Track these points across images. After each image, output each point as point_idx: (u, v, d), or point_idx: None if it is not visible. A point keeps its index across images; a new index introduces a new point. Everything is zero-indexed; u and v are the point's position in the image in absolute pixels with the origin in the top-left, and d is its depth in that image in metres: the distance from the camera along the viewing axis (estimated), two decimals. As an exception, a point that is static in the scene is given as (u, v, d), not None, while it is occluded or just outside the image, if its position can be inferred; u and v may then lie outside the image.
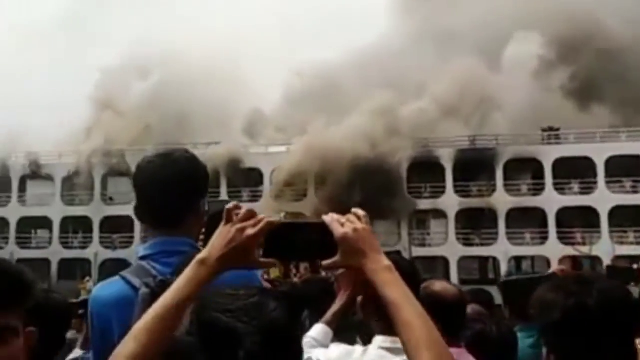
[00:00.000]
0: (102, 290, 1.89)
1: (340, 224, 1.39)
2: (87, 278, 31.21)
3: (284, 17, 48.71)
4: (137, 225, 38.23)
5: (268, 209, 34.32)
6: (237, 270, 1.47)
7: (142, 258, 1.89)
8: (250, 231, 1.37)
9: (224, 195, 38.31)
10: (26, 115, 40.62)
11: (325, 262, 1.40)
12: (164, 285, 1.62)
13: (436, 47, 40.97)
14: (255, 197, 37.96)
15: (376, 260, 1.38)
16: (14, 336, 1.26)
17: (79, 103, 42.56)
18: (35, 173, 41.20)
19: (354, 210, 1.43)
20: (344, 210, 1.50)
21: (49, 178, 41.19)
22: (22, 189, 41.64)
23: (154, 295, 1.60)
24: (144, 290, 1.75)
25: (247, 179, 39.04)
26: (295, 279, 8.93)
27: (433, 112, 36.90)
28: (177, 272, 1.72)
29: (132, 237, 38.18)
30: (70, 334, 3.35)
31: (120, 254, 37.86)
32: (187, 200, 1.90)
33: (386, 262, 1.39)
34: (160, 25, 43.38)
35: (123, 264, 35.55)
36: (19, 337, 1.28)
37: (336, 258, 1.38)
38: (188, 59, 41.48)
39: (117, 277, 1.88)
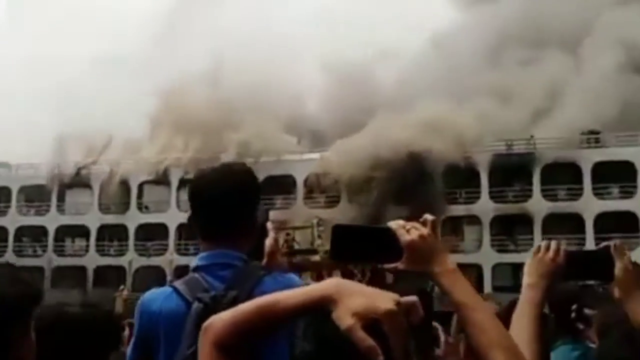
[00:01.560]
0: (153, 302, 1.85)
1: (406, 231, 1.43)
2: (122, 286, 31.73)
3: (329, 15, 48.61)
4: (172, 233, 38.77)
5: (300, 216, 34.42)
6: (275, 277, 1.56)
7: (195, 269, 1.87)
8: None
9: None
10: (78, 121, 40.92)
11: (387, 265, 1.44)
12: (217, 301, 1.64)
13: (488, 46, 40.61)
14: (288, 204, 38.07)
15: (442, 263, 1.43)
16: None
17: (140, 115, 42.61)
18: (74, 182, 42.16)
19: (425, 216, 1.48)
20: (377, 217, 1.46)
21: (87, 186, 42.09)
22: (61, 198, 42.62)
23: (207, 311, 1.58)
24: (197, 305, 1.71)
25: (279, 185, 39.23)
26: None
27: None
28: (229, 286, 1.69)
29: (166, 245, 38.67)
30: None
31: (154, 261, 38.37)
32: (243, 213, 1.90)
33: (451, 265, 1.45)
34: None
35: (156, 271, 36.30)
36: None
37: (400, 262, 1.42)
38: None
39: (168, 288, 1.86)
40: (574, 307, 3.08)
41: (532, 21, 40.31)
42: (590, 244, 34.23)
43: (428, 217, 1.47)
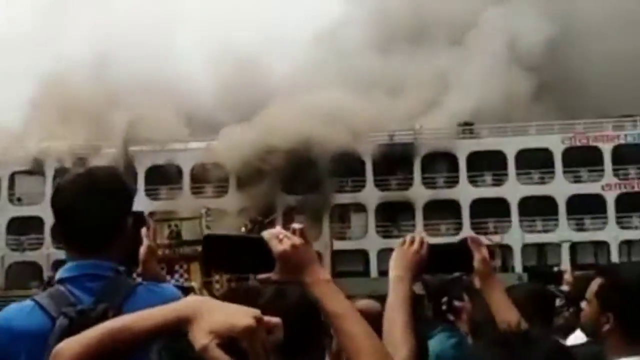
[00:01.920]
0: (12, 319, 1.66)
1: (278, 240, 1.41)
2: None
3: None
4: (47, 226, 36.51)
5: (188, 206, 33.68)
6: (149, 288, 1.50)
7: (61, 281, 1.71)
8: None
9: (141, 194, 37.26)
10: None
11: (260, 276, 1.44)
12: (84, 315, 1.52)
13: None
14: (174, 195, 37.13)
15: (313, 273, 1.42)
16: None
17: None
18: None
19: (293, 225, 1.47)
20: (267, 207, 1.48)
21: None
22: None
23: (73, 327, 1.46)
24: (62, 320, 1.57)
25: (165, 175, 38.09)
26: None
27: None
28: (99, 299, 1.60)
29: (41, 239, 36.38)
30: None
31: (29, 256, 36.02)
32: (110, 220, 1.77)
33: (324, 275, 1.44)
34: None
35: (32, 267, 33.94)
36: None
37: (274, 273, 1.42)
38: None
39: (29, 302, 1.68)
40: (444, 299, 3.21)
41: (420, 13, 41.94)
42: (466, 229, 36.51)
43: (296, 226, 1.46)
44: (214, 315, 0.91)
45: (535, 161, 37.29)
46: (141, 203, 36.11)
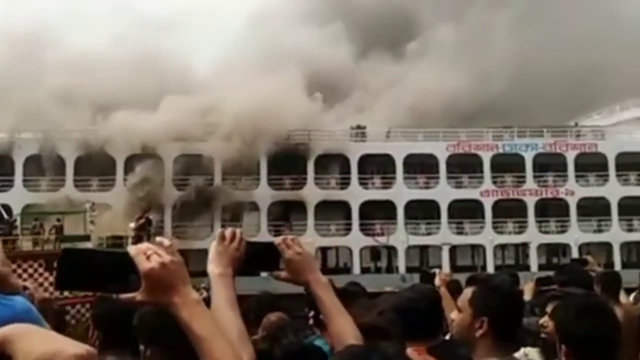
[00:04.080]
0: None
1: (146, 257, 1.29)
2: None
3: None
4: None
5: (71, 200, 31.93)
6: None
7: None
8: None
9: (18, 185, 34.90)
10: None
11: (124, 295, 1.30)
12: None
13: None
14: (55, 187, 35.06)
15: (183, 294, 1.31)
16: None
17: None
18: None
19: (158, 239, 1.36)
20: (154, 202, 1.42)
21: None
22: None
23: None
24: None
25: (45, 165, 35.85)
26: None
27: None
28: None
29: None
30: None
31: None
32: None
33: (194, 295, 1.33)
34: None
35: None
36: None
37: (139, 292, 1.29)
38: None
39: None
40: (311, 313, 3.27)
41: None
42: (355, 230, 37.58)
43: (164, 241, 1.36)
44: (37, 342, 0.90)
45: (421, 166, 39.04)
46: (18, 195, 33.87)
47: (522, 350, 2.86)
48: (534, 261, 37.70)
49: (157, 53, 39.65)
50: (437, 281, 4.08)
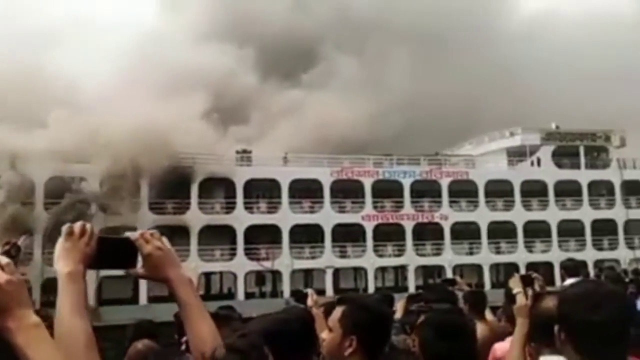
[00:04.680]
0: None
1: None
2: None
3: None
4: None
5: None
6: None
7: None
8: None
9: None
10: None
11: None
12: None
13: None
14: None
15: (18, 317, 1.24)
16: None
17: None
18: None
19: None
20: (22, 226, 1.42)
21: None
22: None
23: None
24: None
25: None
26: None
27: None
28: None
29: None
30: None
31: None
32: None
33: (32, 319, 1.26)
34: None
35: None
36: None
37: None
38: None
39: None
40: (183, 339, 3.28)
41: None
42: (240, 255, 37.24)
43: (1, 260, 1.27)
44: None
45: (306, 191, 39.63)
46: None
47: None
48: (411, 282, 39.28)
49: (41, 67, 37.43)
50: (309, 301, 4.16)
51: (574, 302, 1.88)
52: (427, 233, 41.63)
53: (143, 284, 34.08)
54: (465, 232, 41.52)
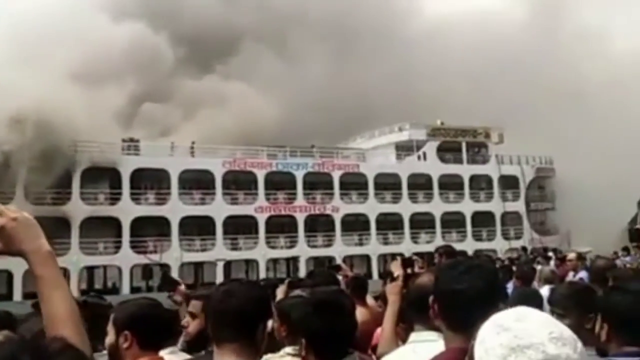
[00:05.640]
0: None
1: None
2: None
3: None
4: None
5: None
6: None
7: None
8: None
9: None
10: None
11: None
12: None
13: None
14: None
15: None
16: None
17: None
18: None
19: None
20: None
21: None
22: None
23: None
24: None
25: None
26: None
27: None
28: None
29: None
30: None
31: None
32: None
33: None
34: None
35: None
36: None
37: None
38: None
39: None
40: None
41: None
42: (125, 248, 35.81)
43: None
44: None
45: (197, 182, 38.80)
46: None
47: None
48: (303, 273, 39.62)
49: None
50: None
51: (443, 272, 2.01)
52: (319, 224, 42.23)
53: (18, 280, 31.83)
54: (355, 224, 42.56)
